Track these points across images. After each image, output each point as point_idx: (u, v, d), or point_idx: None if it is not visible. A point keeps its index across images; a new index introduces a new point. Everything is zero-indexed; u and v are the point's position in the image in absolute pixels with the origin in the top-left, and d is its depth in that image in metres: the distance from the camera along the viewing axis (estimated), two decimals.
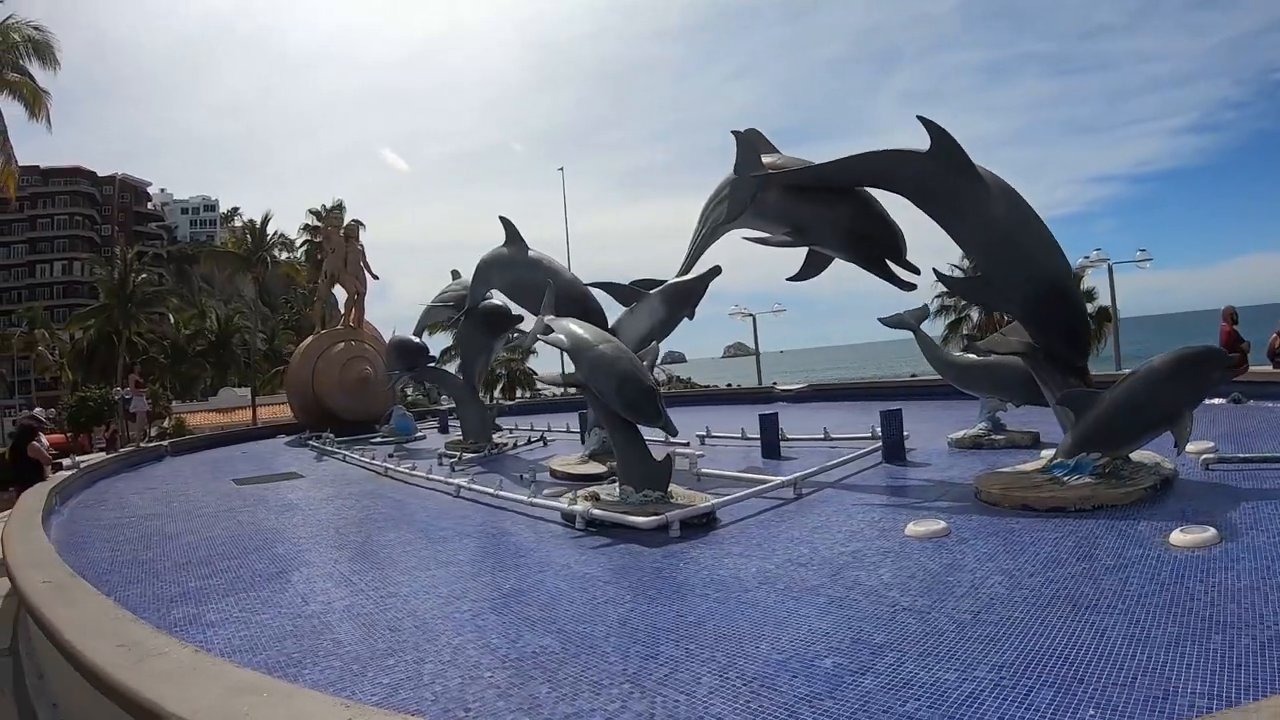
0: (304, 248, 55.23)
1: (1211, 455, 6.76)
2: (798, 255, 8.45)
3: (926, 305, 10.22)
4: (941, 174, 6.62)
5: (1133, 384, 6.23)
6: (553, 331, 7.94)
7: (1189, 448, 6.49)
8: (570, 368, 8.46)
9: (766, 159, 7.96)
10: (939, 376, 9.57)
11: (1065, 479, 6.07)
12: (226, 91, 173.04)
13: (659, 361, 15.28)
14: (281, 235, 52.76)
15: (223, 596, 5.36)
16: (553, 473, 9.43)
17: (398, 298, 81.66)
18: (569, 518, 6.80)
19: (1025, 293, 6.61)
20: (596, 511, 6.57)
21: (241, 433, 23.23)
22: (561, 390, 15.87)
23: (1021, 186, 6.95)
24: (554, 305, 8.83)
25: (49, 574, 4.42)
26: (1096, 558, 4.78)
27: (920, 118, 6.48)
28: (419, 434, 17.54)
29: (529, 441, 13.54)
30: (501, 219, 10.93)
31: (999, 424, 9.12)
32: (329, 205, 55.15)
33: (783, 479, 7.39)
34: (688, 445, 10.50)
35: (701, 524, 6.34)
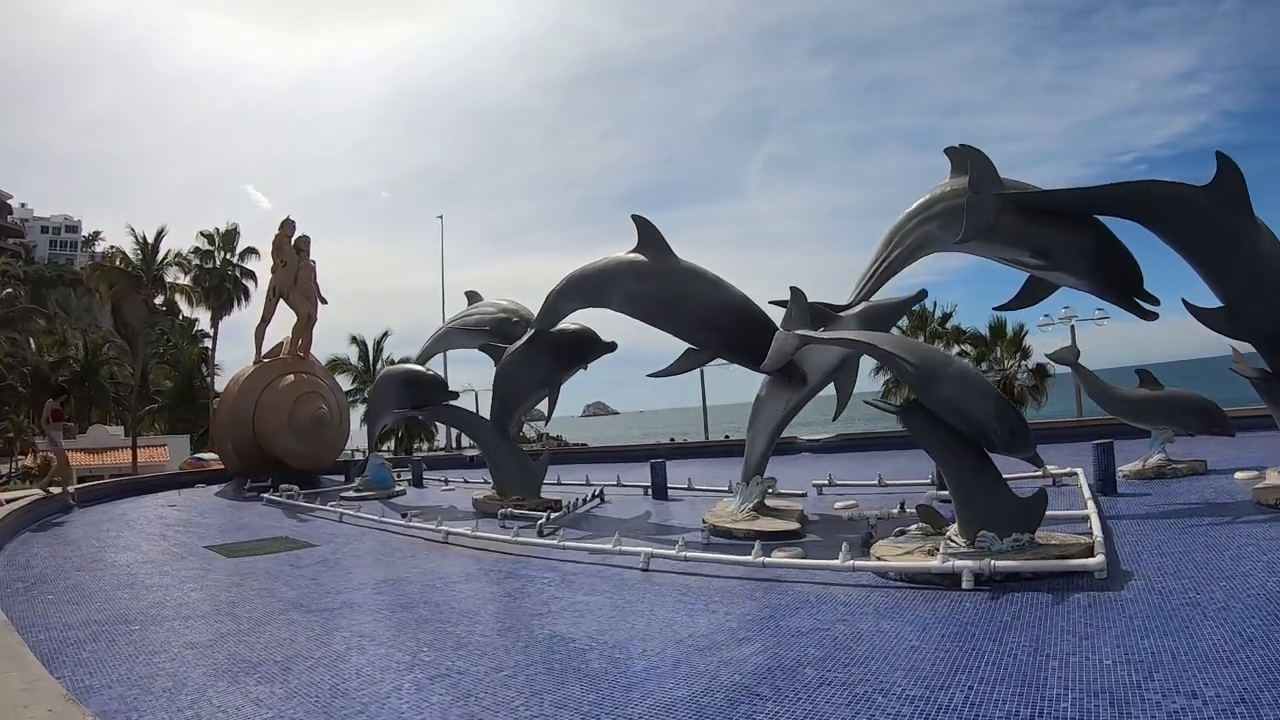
0: (194, 273, 49.38)
1: None
2: None
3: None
4: (1218, 211, 6.67)
5: None
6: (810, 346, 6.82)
7: None
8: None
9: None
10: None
11: None
12: (93, 108, 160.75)
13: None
14: (179, 255, 46.48)
15: None
16: (715, 529, 7.77)
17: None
18: (909, 578, 5.42)
19: (1276, 325, 6.79)
20: (1004, 564, 5.16)
21: (152, 480, 19.00)
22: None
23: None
24: (805, 319, 7.41)
25: None
26: None
27: (1218, 154, 6.57)
28: (398, 487, 14.63)
29: (593, 498, 10.80)
30: (635, 218, 8.85)
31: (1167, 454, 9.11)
32: (222, 228, 49.68)
33: (1073, 514, 6.72)
34: (804, 495, 9.64)
35: None
